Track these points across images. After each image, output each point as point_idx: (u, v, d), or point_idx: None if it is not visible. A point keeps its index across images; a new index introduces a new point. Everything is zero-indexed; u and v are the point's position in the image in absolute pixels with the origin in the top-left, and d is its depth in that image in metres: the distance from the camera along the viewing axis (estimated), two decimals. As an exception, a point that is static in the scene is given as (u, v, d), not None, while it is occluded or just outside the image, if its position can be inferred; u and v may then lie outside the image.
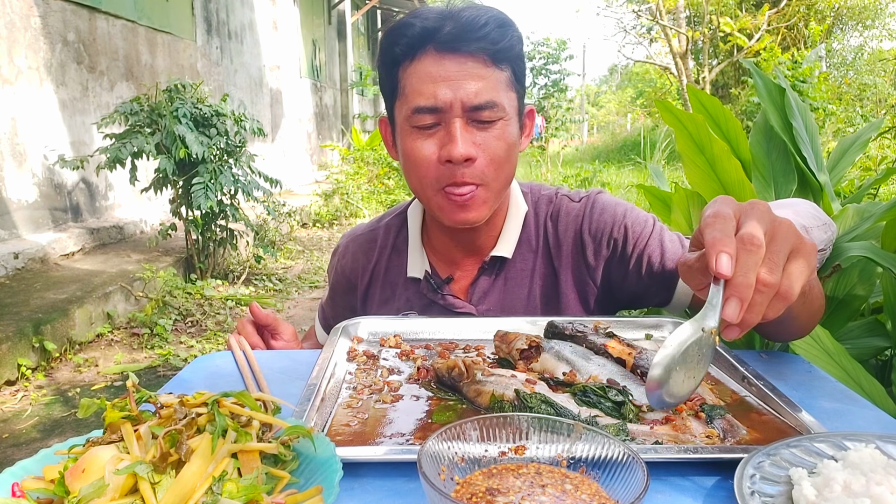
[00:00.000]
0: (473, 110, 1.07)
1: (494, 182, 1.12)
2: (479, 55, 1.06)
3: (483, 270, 1.24)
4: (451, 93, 1.06)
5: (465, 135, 1.07)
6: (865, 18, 19.36)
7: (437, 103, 1.06)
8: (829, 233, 1.95)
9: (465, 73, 1.06)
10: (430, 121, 1.08)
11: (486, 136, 1.09)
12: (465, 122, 1.07)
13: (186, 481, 0.57)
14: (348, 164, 10.79)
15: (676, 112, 2.21)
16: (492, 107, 1.07)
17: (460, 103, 1.06)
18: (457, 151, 1.06)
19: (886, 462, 0.65)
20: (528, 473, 0.63)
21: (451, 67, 1.06)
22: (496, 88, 1.08)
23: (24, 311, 3.76)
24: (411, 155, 1.12)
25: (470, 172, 1.08)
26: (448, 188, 1.10)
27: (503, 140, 1.10)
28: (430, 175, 1.10)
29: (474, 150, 1.07)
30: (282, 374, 0.99)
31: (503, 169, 1.12)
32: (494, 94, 1.07)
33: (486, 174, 1.10)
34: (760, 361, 1.02)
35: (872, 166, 5.22)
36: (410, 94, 1.09)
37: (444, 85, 1.06)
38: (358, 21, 15.66)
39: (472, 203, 1.12)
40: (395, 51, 1.11)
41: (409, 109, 1.09)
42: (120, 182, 5.89)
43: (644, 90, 32.10)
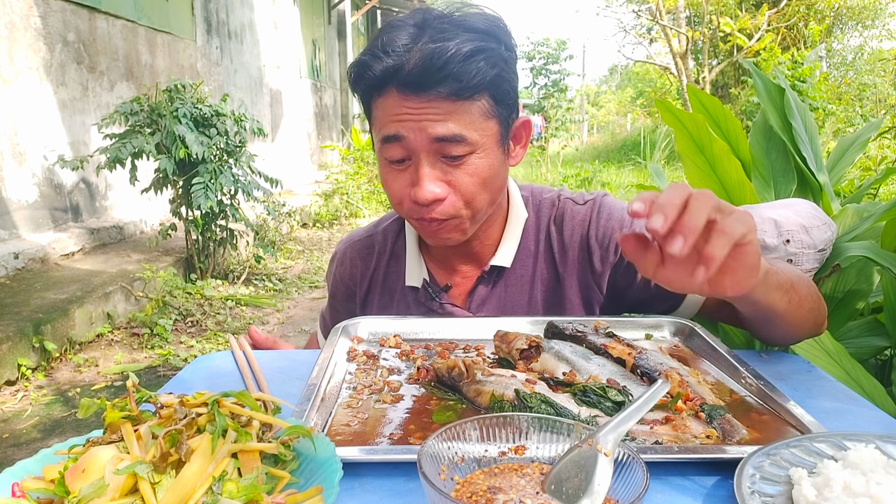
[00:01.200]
0: (440, 142, 1.02)
1: (468, 213, 1.09)
2: (441, 95, 1.00)
3: (482, 279, 1.23)
4: (416, 131, 1.02)
5: (431, 174, 1.04)
6: (865, 18, 19.36)
7: (402, 141, 1.03)
8: (829, 232, 1.95)
9: (428, 112, 1.01)
10: (398, 155, 1.05)
11: (457, 174, 1.05)
12: (434, 158, 1.04)
13: (186, 481, 0.57)
14: (348, 164, 10.79)
15: (676, 112, 2.21)
16: (459, 141, 1.02)
17: (425, 139, 1.02)
18: (421, 195, 1.03)
19: (886, 462, 0.65)
20: (528, 473, 0.63)
21: (413, 108, 1.01)
22: (465, 123, 1.02)
23: (24, 311, 3.76)
24: (385, 185, 1.11)
25: (439, 211, 1.06)
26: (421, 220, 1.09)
27: (476, 176, 1.05)
28: (404, 207, 1.10)
29: (442, 189, 1.04)
30: (282, 374, 0.99)
31: (476, 200, 1.08)
32: (462, 129, 1.02)
33: (458, 209, 1.07)
34: (760, 361, 1.02)
35: (872, 166, 5.22)
36: (379, 126, 1.07)
37: (408, 123, 1.02)
38: (358, 21, 15.66)
39: (445, 230, 1.10)
40: (361, 86, 1.08)
41: (378, 140, 1.08)
42: (120, 182, 5.89)
43: (644, 90, 32.10)
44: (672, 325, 1.10)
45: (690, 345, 1.05)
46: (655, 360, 0.90)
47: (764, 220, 1.95)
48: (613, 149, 19.39)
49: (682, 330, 1.09)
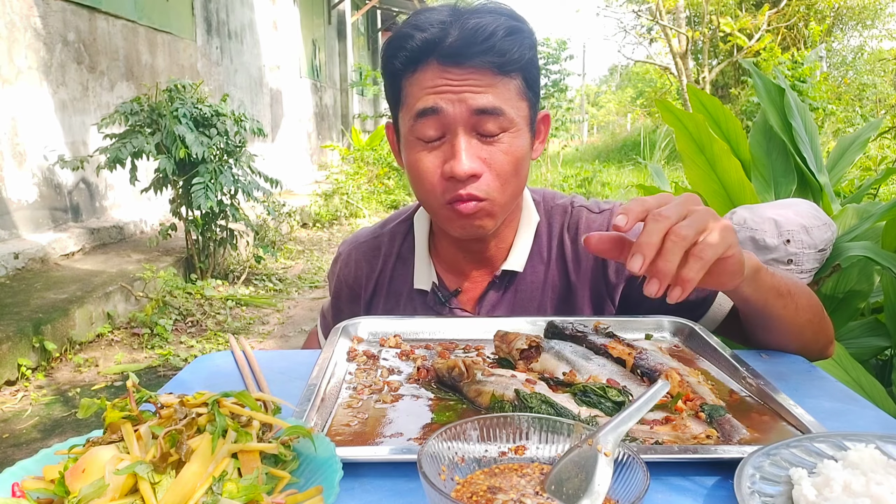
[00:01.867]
0: (479, 115, 1.01)
1: (500, 197, 1.08)
2: (483, 67, 1.01)
3: (493, 284, 1.21)
4: (455, 101, 1.01)
5: (469, 149, 1.03)
6: (865, 18, 19.36)
7: (439, 114, 1.02)
8: (829, 232, 1.95)
9: (469, 84, 1.01)
10: (433, 132, 1.04)
11: (493, 151, 1.04)
12: (469, 134, 1.03)
13: (186, 481, 0.57)
14: (348, 164, 10.79)
15: (676, 112, 2.21)
16: (498, 114, 1.02)
17: (466, 112, 1.01)
18: (460, 168, 1.02)
19: (886, 462, 0.65)
20: (528, 473, 0.63)
21: (454, 79, 1.01)
22: (503, 98, 1.03)
23: (24, 311, 3.76)
24: (415, 168, 1.08)
25: (475, 187, 1.04)
26: (453, 202, 1.07)
27: (510, 154, 1.05)
28: (436, 189, 1.07)
29: (479, 165, 1.03)
30: (282, 374, 0.99)
31: (510, 183, 1.07)
32: (502, 103, 1.02)
33: (492, 189, 1.06)
34: (760, 361, 1.02)
35: (872, 166, 5.23)
36: (413, 103, 1.05)
37: (448, 95, 1.01)
38: (358, 21, 15.66)
39: (478, 216, 1.08)
40: (396, 63, 1.07)
41: (411, 118, 1.05)
42: (120, 182, 5.89)
43: (644, 90, 32.10)
44: (672, 325, 1.10)
45: (690, 345, 1.05)
46: (655, 360, 0.90)
47: (764, 219, 1.95)
48: (613, 149, 19.38)
49: (682, 330, 1.09)
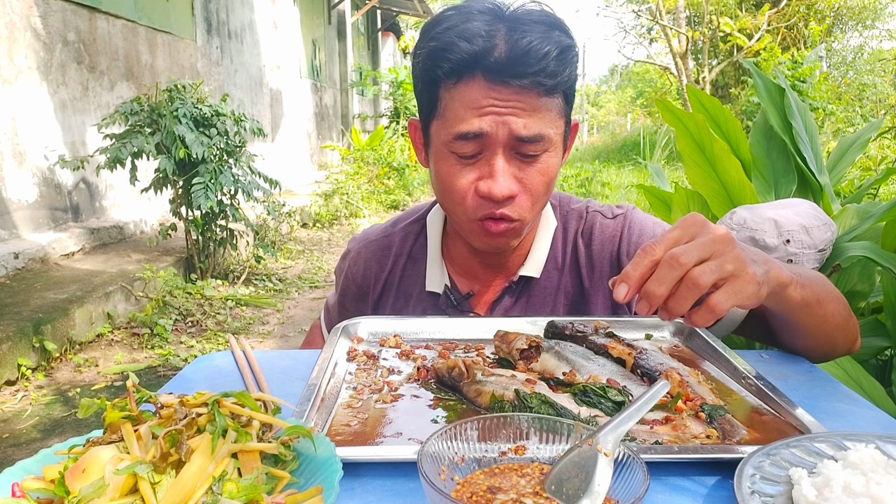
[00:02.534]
0: (520, 142, 1.00)
1: (531, 216, 1.07)
2: (532, 89, 0.98)
3: (509, 289, 1.20)
4: (498, 125, 0.98)
5: (507, 169, 1.01)
6: (865, 18, 19.36)
7: (481, 133, 0.99)
8: (829, 233, 1.95)
9: (514, 106, 0.98)
10: (471, 150, 1.02)
11: (530, 171, 1.03)
12: (508, 155, 1.02)
13: (186, 481, 0.57)
14: (348, 164, 10.80)
15: (677, 112, 2.21)
16: (539, 140, 1.00)
17: (507, 136, 0.99)
18: (498, 190, 1.01)
19: (886, 462, 0.65)
20: (528, 473, 0.63)
21: (499, 98, 0.98)
22: (546, 120, 1.01)
23: (24, 311, 3.76)
24: (447, 180, 1.06)
25: (510, 209, 1.04)
26: (484, 220, 1.06)
27: (546, 175, 1.04)
28: (467, 204, 1.05)
29: (516, 186, 1.02)
30: (282, 374, 0.99)
31: (541, 202, 1.08)
32: (544, 128, 1.00)
33: (525, 210, 1.05)
34: (761, 361, 1.02)
35: (872, 166, 5.23)
36: (452, 118, 1.01)
37: (491, 116, 0.98)
38: (358, 21, 15.66)
39: (507, 234, 1.08)
40: (438, 72, 1.02)
41: (449, 135, 1.02)
42: (120, 182, 5.89)
43: (644, 90, 32.10)
44: (672, 325, 1.10)
45: (690, 345, 1.05)
46: (655, 360, 0.90)
47: (764, 220, 1.95)
48: (613, 149, 19.38)
49: (682, 330, 1.09)
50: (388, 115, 13.68)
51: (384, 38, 19.44)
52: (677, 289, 0.74)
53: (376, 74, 13.50)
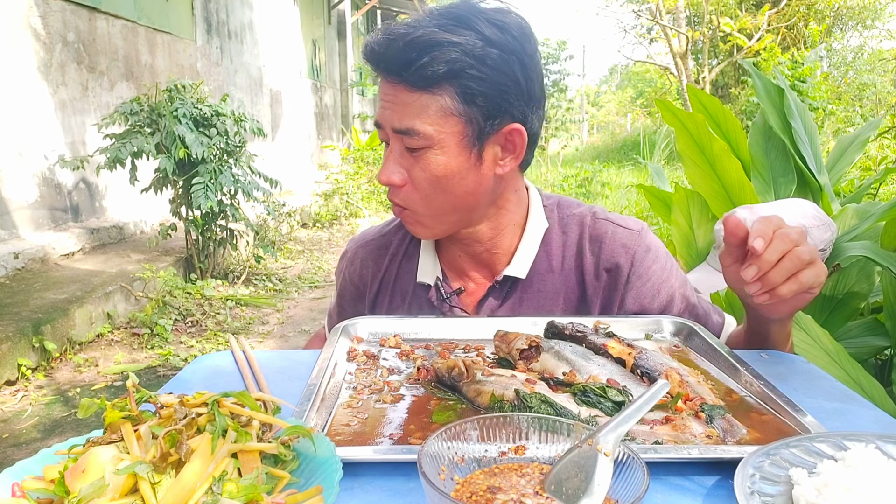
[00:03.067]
0: (399, 134, 1.06)
1: (424, 209, 1.11)
2: (399, 84, 1.03)
3: (493, 289, 1.20)
4: (385, 119, 1.07)
5: (395, 159, 1.08)
6: (865, 18, 19.36)
7: (377, 123, 1.10)
8: (829, 233, 1.95)
9: (393, 99, 1.05)
10: (383, 139, 1.11)
11: (415, 166, 1.07)
12: (399, 146, 1.07)
13: (186, 481, 0.57)
14: (348, 164, 10.79)
15: (677, 111, 2.21)
16: (413, 134, 1.04)
17: (390, 129, 1.07)
18: (380, 176, 1.10)
19: (886, 462, 0.65)
20: (528, 473, 0.63)
21: (388, 91, 1.06)
22: (420, 116, 1.02)
23: (24, 311, 3.76)
24: None
25: (395, 195, 1.11)
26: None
27: (428, 171, 1.06)
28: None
29: (397, 176, 1.08)
30: (282, 374, 0.99)
31: (434, 198, 1.09)
32: (414, 122, 1.03)
33: (411, 201, 1.11)
34: (760, 361, 1.02)
35: (872, 166, 5.23)
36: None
37: (383, 107, 1.07)
38: (358, 21, 15.66)
39: (407, 221, 1.16)
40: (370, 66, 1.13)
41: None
42: (120, 182, 5.89)
43: (644, 90, 32.11)
44: (672, 325, 1.11)
45: (690, 345, 1.05)
46: (655, 360, 0.90)
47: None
48: (613, 149, 19.38)
49: (682, 330, 1.09)
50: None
51: (384, 38, 19.40)
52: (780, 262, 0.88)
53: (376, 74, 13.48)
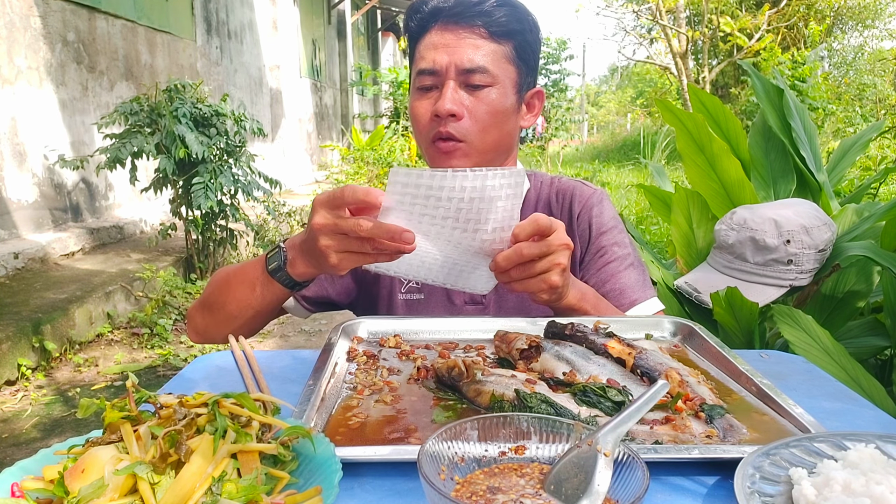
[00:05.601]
0: (465, 73, 1.19)
1: (478, 142, 1.22)
2: (476, 28, 1.20)
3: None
4: (447, 57, 1.19)
5: (454, 95, 1.20)
6: (865, 18, 19.36)
7: (434, 66, 1.21)
8: (829, 233, 1.95)
9: (462, 43, 1.20)
10: (429, 82, 1.22)
11: (475, 100, 1.20)
12: (457, 84, 1.20)
13: (186, 481, 0.57)
14: (348, 164, 10.79)
15: (677, 111, 2.21)
16: (482, 71, 1.19)
17: (454, 66, 1.19)
18: (442, 107, 1.19)
19: (886, 462, 0.65)
20: (528, 473, 0.63)
21: (451, 38, 1.20)
22: (490, 57, 1.20)
23: (24, 310, 3.76)
24: (412, 111, 1.26)
25: (454, 128, 1.20)
26: (436, 140, 1.22)
27: (489, 105, 1.21)
28: (424, 129, 1.24)
29: (458, 108, 1.19)
30: (282, 374, 0.99)
31: (489, 133, 1.22)
32: (486, 62, 1.20)
33: (469, 133, 1.21)
34: (760, 361, 1.02)
35: (872, 166, 5.23)
36: (418, 60, 1.25)
37: (443, 51, 1.20)
38: (358, 21, 15.66)
39: (455, 155, 1.22)
40: (411, 27, 1.27)
41: (415, 73, 1.25)
42: (120, 182, 5.89)
43: (644, 90, 32.10)
44: (672, 325, 1.10)
45: (690, 345, 1.05)
46: (655, 360, 0.90)
47: (764, 220, 1.95)
48: (613, 149, 19.37)
49: (682, 330, 1.09)
50: (388, 115, 13.68)
51: (384, 38, 19.44)
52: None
53: (376, 74, 13.49)
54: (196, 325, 1.27)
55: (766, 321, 2.00)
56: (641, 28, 22.11)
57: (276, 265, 1.07)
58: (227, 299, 1.18)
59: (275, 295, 1.13)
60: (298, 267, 1.04)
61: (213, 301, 1.22)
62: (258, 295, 1.13)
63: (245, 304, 1.16)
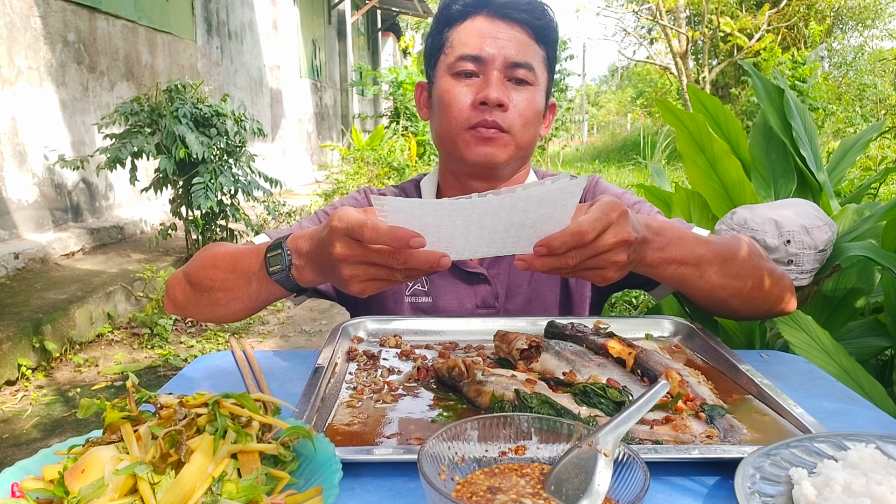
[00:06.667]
0: (513, 66, 1.18)
1: (519, 135, 1.20)
2: (524, 26, 1.20)
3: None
4: (497, 49, 1.18)
5: (500, 85, 1.18)
6: (865, 18, 19.35)
7: (481, 53, 1.18)
8: (829, 233, 1.95)
9: (511, 37, 1.19)
10: (471, 68, 1.19)
11: (519, 96, 1.19)
12: (502, 76, 1.18)
13: (186, 482, 0.57)
14: (348, 164, 10.78)
15: (677, 112, 2.21)
16: (529, 68, 1.19)
17: (503, 59, 1.18)
18: (493, 94, 1.16)
19: (886, 462, 0.65)
20: (528, 473, 0.63)
21: (499, 29, 1.19)
22: (534, 58, 1.21)
23: (24, 311, 3.76)
24: (447, 96, 1.21)
25: (500, 117, 1.18)
26: (477, 127, 1.19)
27: (531, 103, 1.20)
28: (462, 115, 1.19)
29: (507, 98, 1.17)
30: (282, 374, 0.99)
31: (528, 129, 1.21)
32: (532, 60, 1.20)
33: (514, 125, 1.19)
34: (760, 361, 1.02)
35: (872, 166, 5.23)
36: (458, 45, 1.21)
37: (492, 41, 1.18)
38: (358, 21, 15.66)
39: (496, 141, 1.19)
40: (452, 10, 1.22)
41: (454, 57, 1.20)
42: (120, 182, 5.89)
43: (644, 90, 32.09)
44: (672, 325, 1.11)
45: (690, 345, 1.05)
46: (655, 360, 0.90)
47: (764, 220, 1.94)
48: (613, 149, 19.37)
49: (682, 330, 1.09)
50: (388, 115, 13.68)
51: (384, 38, 19.44)
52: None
53: (376, 74, 13.48)
54: (175, 297, 1.17)
55: (766, 321, 2.00)
56: (641, 28, 22.11)
57: (278, 268, 0.96)
58: (214, 284, 1.08)
59: (273, 295, 1.05)
60: (307, 275, 0.95)
61: (197, 280, 1.12)
62: (253, 290, 1.04)
63: (234, 296, 1.07)
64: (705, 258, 1.00)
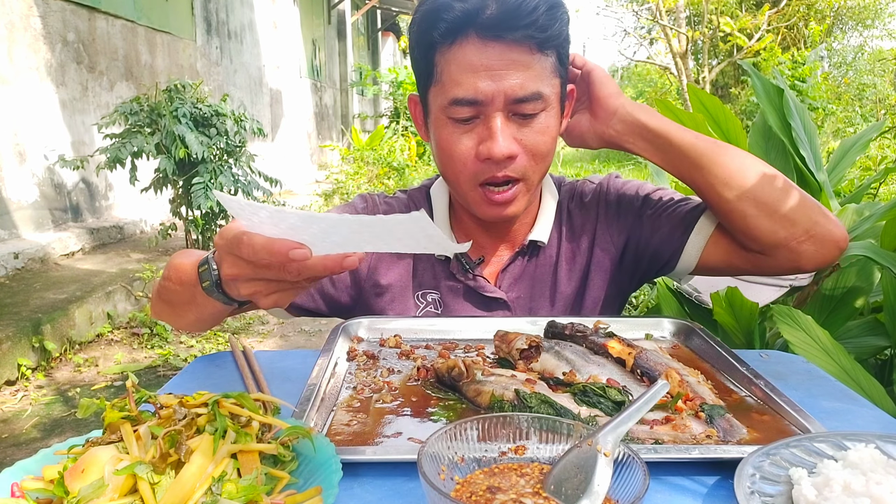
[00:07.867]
0: (516, 103, 1.00)
1: (535, 176, 1.08)
2: (525, 43, 0.99)
3: (518, 255, 1.21)
4: (494, 85, 0.99)
5: (505, 130, 1.01)
6: (865, 18, 19.35)
7: (477, 96, 1.00)
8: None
9: (508, 63, 0.99)
10: (468, 114, 1.02)
11: (528, 132, 1.03)
12: (505, 115, 1.01)
13: (186, 481, 0.57)
14: (348, 164, 10.79)
15: (677, 111, 2.21)
16: (536, 99, 1.01)
17: (503, 96, 0.99)
18: (497, 150, 1.00)
19: (886, 462, 0.65)
20: (528, 473, 0.63)
21: (493, 56, 0.98)
22: (541, 78, 1.01)
23: (24, 310, 3.76)
24: (447, 148, 1.06)
25: (511, 169, 1.04)
26: (487, 185, 1.06)
27: (545, 134, 1.04)
28: (468, 170, 1.05)
29: (515, 146, 1.02)
30: (282, 374, 0.99)
31: (543, 162, 1.08)
32: (539, 85, 1.01)
33: (528, 170, 1.05)
34: (760, 361, 1.02)
35: (872, 166, 5.23)
36: (448, 82, 1.02)
37: (486, 76, 0.99)
38: (358, 21, 15.66)
39: (511, 200, 1.08)
40: (433, 34, 1.02)
41: (446, 100, 1.03)
42: (120, 182, 5.89)
43: (644, 90, 32.08)
44: (672, 325, 1.11)
45: (690, 345, 1.05)
46: (655, 360, 0.90)
47: (764, 219, 1.94)
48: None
49: (682, 330, 1.09)
50: (388, 115, 13.69)
51: (384, 38, 19.44)
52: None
53: (376, 74, 13.49)
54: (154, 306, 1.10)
55: (766, 321, 2.00)
56: (641, 28, 22.11)
57: (208, 284, 0.83)
58: (170, 297, 1.00)
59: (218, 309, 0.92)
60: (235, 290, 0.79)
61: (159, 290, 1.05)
62: (199, 304, 0.92)
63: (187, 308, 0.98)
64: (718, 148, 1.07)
